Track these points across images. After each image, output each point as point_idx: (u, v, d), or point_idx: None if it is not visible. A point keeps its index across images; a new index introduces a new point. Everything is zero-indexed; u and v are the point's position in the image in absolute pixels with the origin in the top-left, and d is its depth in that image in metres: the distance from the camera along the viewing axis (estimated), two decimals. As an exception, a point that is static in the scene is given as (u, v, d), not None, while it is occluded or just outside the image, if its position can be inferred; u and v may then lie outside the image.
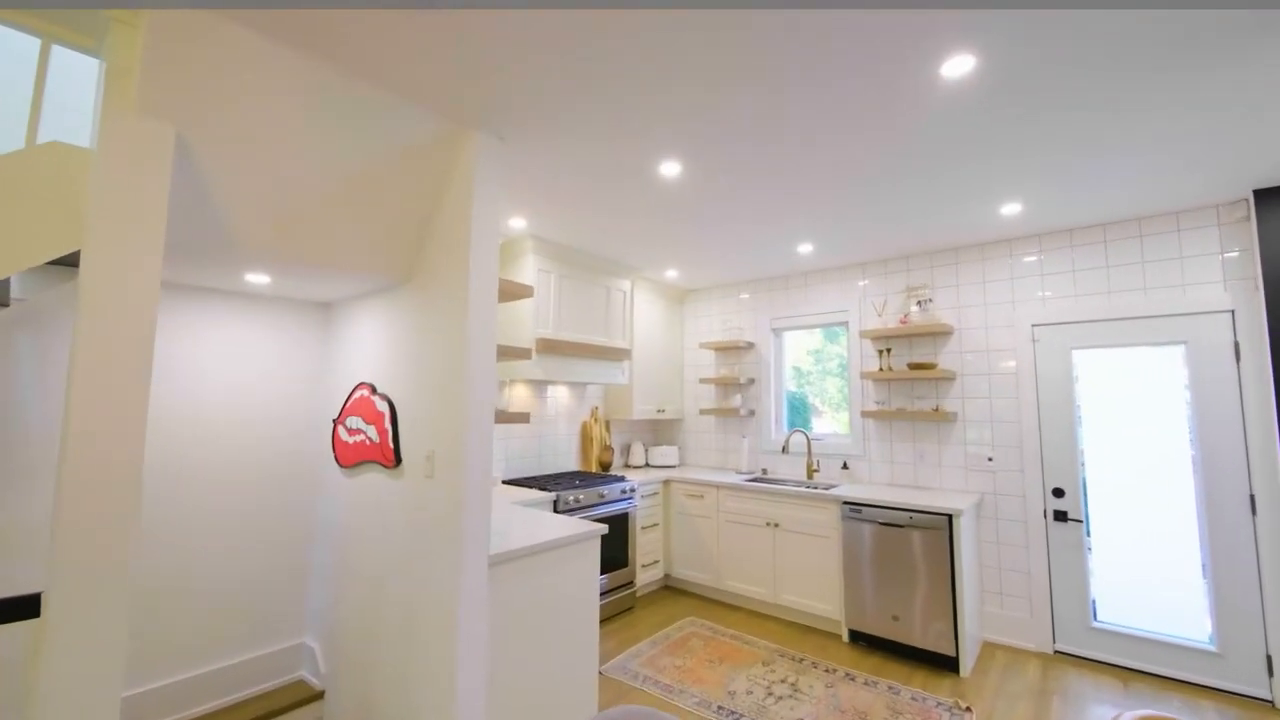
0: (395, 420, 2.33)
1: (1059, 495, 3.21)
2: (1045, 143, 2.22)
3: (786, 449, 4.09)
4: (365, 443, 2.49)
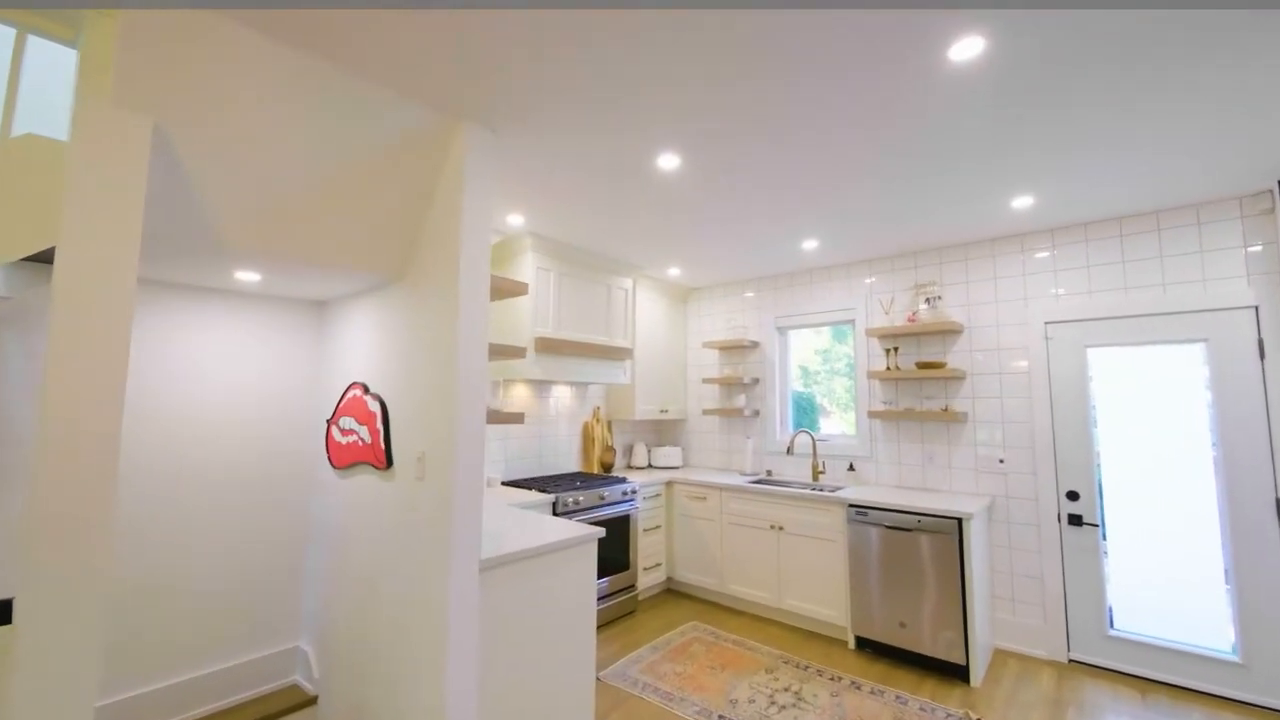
0: (387, 421, 2.28)
1: (1073, 498, 3.11)
2: (1058, 133, 2.12)
3: (791, 450, 4.00)
4: (358, 443, 2.44)
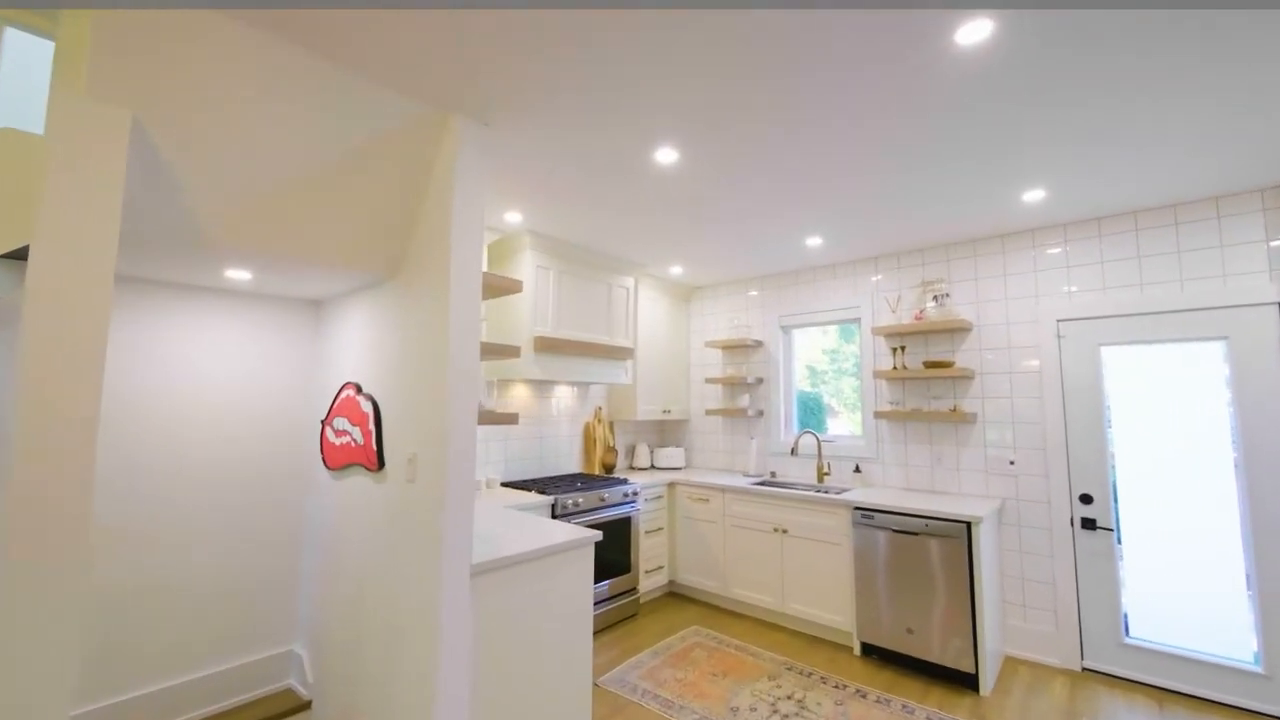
0: (379, 422, 2.23)
1: (1087, 501, 3.01)
2: (1070, 123, 2.04)
3: (795, 451, 3.92)
4: (351, 445, 2.40)
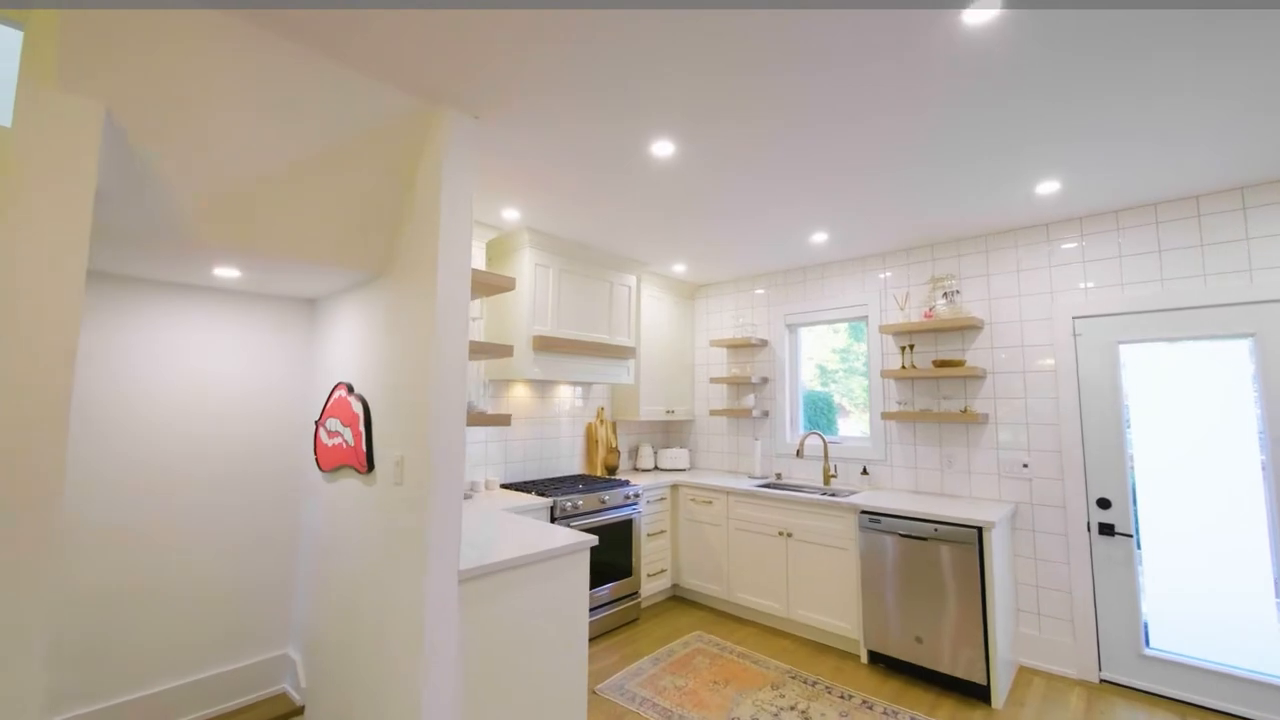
0: (369, 423, 2.18)
1: (1104, 506, 2.89)
2: (1087, 110, 1.94)
3: (801, 453, 3.83)
4: (343, 446, 2.35)
